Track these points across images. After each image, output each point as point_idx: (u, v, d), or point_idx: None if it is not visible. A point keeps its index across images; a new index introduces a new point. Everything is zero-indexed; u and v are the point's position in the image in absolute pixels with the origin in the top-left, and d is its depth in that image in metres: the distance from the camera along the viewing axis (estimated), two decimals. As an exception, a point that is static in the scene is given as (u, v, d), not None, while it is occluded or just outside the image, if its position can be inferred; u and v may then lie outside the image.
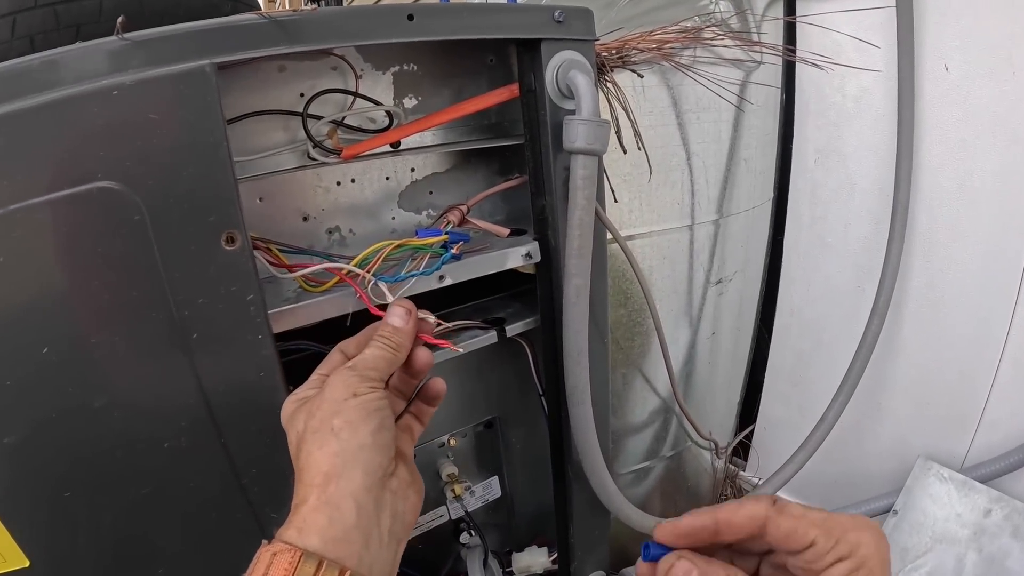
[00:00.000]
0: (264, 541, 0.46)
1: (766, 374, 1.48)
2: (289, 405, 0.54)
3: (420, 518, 0.93)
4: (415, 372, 0.61)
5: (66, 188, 0.50)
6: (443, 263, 0.68)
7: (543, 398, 0.85)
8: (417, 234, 0.72)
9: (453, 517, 0.95)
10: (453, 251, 0.69)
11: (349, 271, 0.63)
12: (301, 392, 0.55)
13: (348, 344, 0.59)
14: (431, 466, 0.93)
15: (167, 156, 0.52)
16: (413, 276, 0.66)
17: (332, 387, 0.52)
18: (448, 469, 0.92)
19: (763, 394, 1.50)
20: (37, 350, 0.52)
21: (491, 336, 0.77)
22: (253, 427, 0.61)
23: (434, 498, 0.93)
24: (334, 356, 0.58)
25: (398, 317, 0.58)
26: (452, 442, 0.95)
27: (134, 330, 0.55)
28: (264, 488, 0.64)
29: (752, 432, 1.54)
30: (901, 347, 1.18)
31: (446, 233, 0.72)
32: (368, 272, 0.63)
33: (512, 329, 0.79)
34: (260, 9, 1.32)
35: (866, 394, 1.21)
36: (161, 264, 0.53)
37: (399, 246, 0.67)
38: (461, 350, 0.68)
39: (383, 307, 0.61)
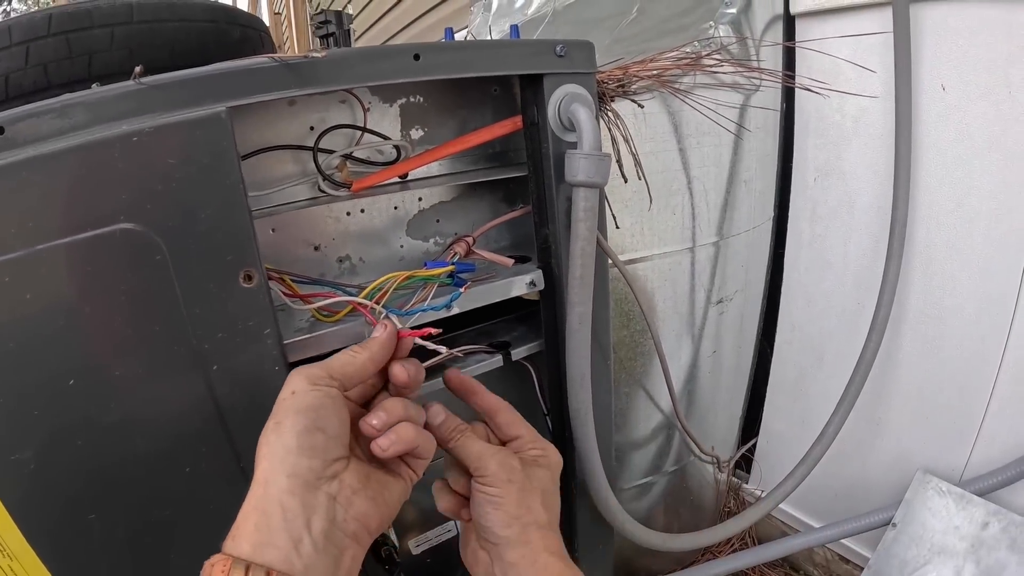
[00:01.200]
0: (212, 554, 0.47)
1: (768, 389, 1.49)
2: None
3: (428, 533, 0.96)
4: (398, 390, 0.63)
5: (89, 230, 0.52)
6: (453, 300, 0.71)
7: (547, 417, 0.87)
8: (425, 265, 0.75)
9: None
10: (462, 290, 0.71)
11: (364, 305, 0.65)
12: None
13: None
14: (439, 482, 0.95)
15: (186, 198, 0.54)
16: (421, 311, 0.68)
17: (283, 387, 0.54)
18: (453, 487, 0.94)
19: (765, 408, 1.51)
20: (64, 381, 0.54)
21: (497, 360, 0.80)
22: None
23: (442, 514, 0.95)
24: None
25: (377, 329, 0.61)
26: (457, 459, 0.96)
27: (157, 363, 0.57)
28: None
29: (755, 445, 1.55)
30: (900, 362, 1.20)
31: (452, 264, 0.74)
32: (378, 304, 0.66)
33: (517, 353, 0.81)
34: (267, 30, 1.35)
35: (866, 408, 1.22)
36: (182, 301, 0.55)
37: (408, 277, 0.69)
38: (446, 351, 0.67)
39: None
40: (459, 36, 2.36)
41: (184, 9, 1.12)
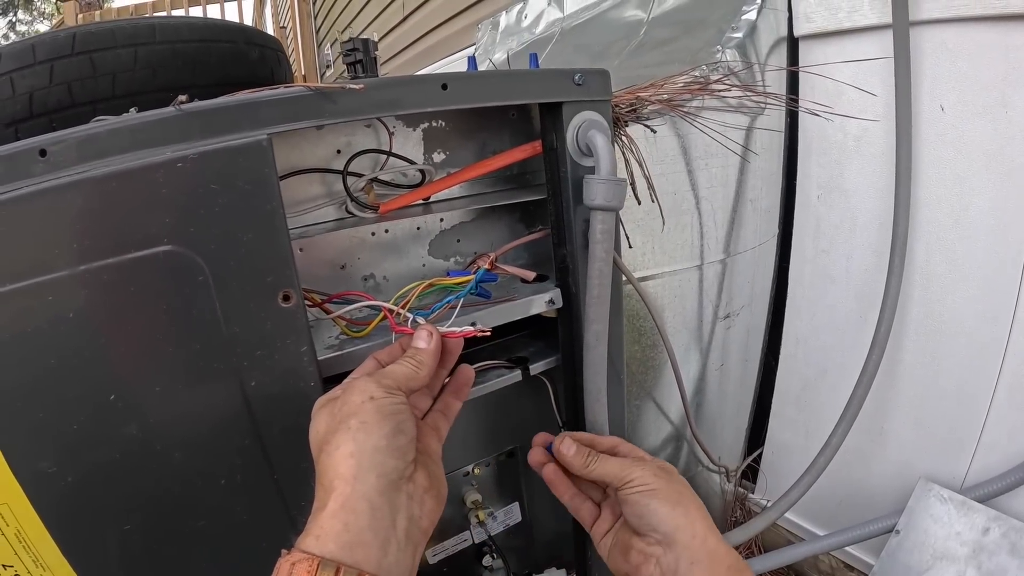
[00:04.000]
0: (283, 551, 0.47)
1: (773, 400, 1.52)
2: (318, 402, 0.57)
3: (445, 543, 0.98)
4: (458, 390, 0.66)
5: (133, 251, 0.54)
6: (473, 287, 0.73)
7: (563, 430, 0.90)
8: (448, 274, 0.78)
9: (476, 541, 0.99)
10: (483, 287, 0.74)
11: (390, 309, 0.68)
12: (331, 393, 0.57)
13: (381, 352, 0.63)
14: (456, 493, 0.97)
15: (228, 222, 0.56)
16: (441, 305, 0.71)
17: (351, 391, 0.54)
18: (472, 496, 0.97)
19: (771, 419, 1.53)
20: (104, 396, 0.56)
21: (516, 375, 0.82)
22: (302, 465, 0.65)
23: (458, 523, 0.97)
24: (368, 363, 0.61)
25: (422, 340, 0.62)
26: (476, 471, 0.99)
27: (196, 379, 0.59)
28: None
29: (760, 455, 1.57)
30: (902, 374, 1.23)
31: (473, 275, 0.77)
32: (403, 309, 0.68)
33: (535, 368, 0.84)
34: (283, 49, 1.38)
35: (869, 419, 1.25)
36: (223, 320, 0.57)
37: (430, 286, 0.72)
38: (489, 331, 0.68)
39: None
40: (467, 52, 2.39)
41: (204, 30, 1.14)
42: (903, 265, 1.14)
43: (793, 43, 1.26)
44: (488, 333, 0.65)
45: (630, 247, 1.06)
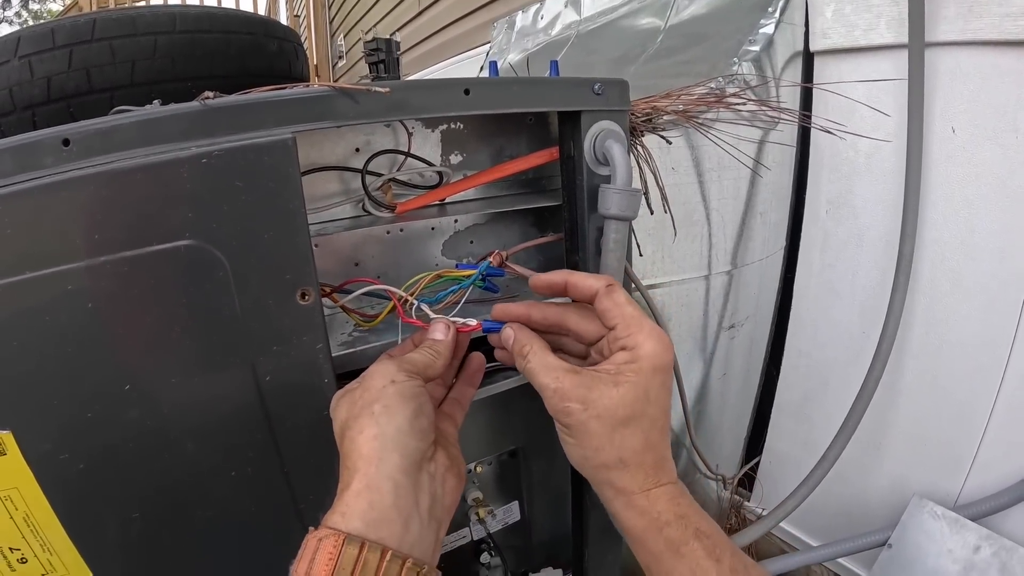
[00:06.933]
0: (311, 528, 0.49)
1: (773, 411, 1.52)
2: (336, 395, 0.59)
3: (444, 538, 0.99)
4: (470, 377, 0.68)
5: (155, 244, 0.54)
6: (479, 276, 0.75)
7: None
8: (457, 267, 0.79)
9: (475, 538, 1.00)
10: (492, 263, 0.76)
11: (397, 294, 0.70)
12: (349, 386, 0.59)
13: (395, 351, 0.65)
14: (458, 491, 0.98)
15: (250, 219, 0.56)
16: (446, 294, 0.73)
17: (372, 376, 0.56)
18: (474, 494, 0.97)
19: (770, 429, 1.54)
20: (119, 387, 0.57)
21: (522, 377, 0.83)
22: (312, 459, 0.66)
23: (458, 520, 0.98)
24: (383, 360, 0.62)
25: (439, 332, 0.64)
26: (478, 469, 1.00)
27: (212, 373, 0.60)
28: (321, 513, 0.69)
29: (758, 464, 1.59)
30: (901, 391, 1.24)
31: (481, 270, 0.78)
32: (411, 296, 0.70)
33: (542, 372, 0.84)
34: (301, 42, 1.39)
35: (867, 433, 1.26)
36: (241, 315, 0.58)
37: (439, 276, 0.74)
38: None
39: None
40: (482, 50, 2.40)
41: (224, 21, 1.15)
42: (907, 283, 1.14)
43: (808, 58, 1.27)
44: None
45: (640, 255, 1.06)
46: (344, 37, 5.35)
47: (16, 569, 0.62)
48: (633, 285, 0.87)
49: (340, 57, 5.54)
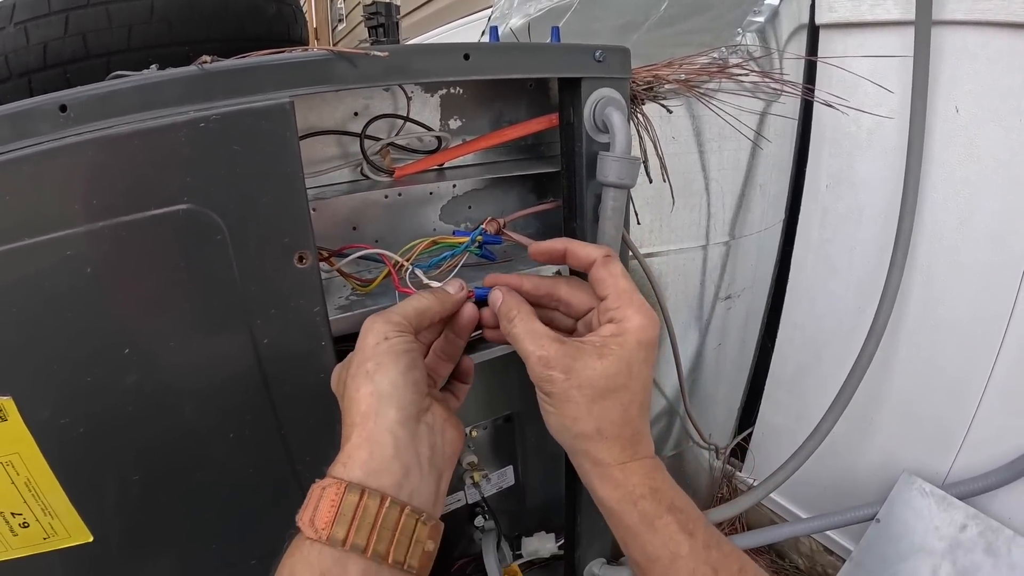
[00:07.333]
0: (317, 479, 0.51)
1: (767, 382, 1.53)
2: (335, 369, 0.62)
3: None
4: (460, 330, 0.66)
5: (153, 209, 0.55)
6: (473, 242, 0.75)
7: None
8: (454, 233, 0.79)
9: (470, 502, 1.02)
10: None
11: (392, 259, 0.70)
12: (346, 359, 0.59)
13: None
14: (453, 455, 1.00)
15: (248, 183, 0.56)
16: (441, 259, 0.73)
17: (364, 336, 0.57)
18: (468, 458, 0.99)
19: (763, 401, 1.55)
20: (118, 351, 0.58)
21: (516, 347, 0.84)
22: (308, 421, 0.67)
23: (454, 484, 1.00)
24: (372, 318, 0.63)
25: (452, 287, 0.64)
26: (474, 433, 1.01)
27: (210, 336, 0.61)
28: (316, 473, 0.70)
29: (750, 435, 1.60)
30: (895, 367, 1.24)
31: (480, 235, 0.78)
32: (407, 262, 0.70)
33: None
34: (299, 5, 1.37)
35: (859, 408, 1.26)
36: (239, 279, 0.59)
37: (434, 242, 0.74)
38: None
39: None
40: (484, 15, 2.37)
41: (221, -16, 1.13)
42: (905, 261, 1.14)
43: (813, 31, 1.25)
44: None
45: (638, 224, 1.06)
46: (343, 1, 5.27)
47: (18, 533, 0.63)
48: (631, 253, 0.86)
49: (340, 20, 5.48)
